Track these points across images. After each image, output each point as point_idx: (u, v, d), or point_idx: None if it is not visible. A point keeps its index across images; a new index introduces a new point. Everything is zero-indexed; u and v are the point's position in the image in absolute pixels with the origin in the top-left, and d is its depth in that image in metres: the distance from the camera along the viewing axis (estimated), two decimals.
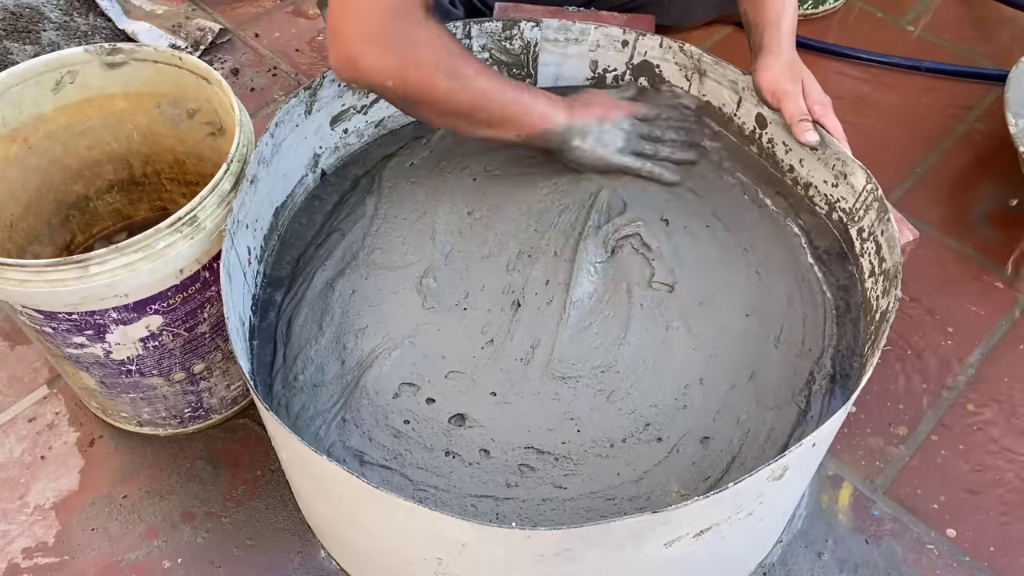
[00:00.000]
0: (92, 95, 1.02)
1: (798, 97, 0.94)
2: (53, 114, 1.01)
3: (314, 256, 0.96)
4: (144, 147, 1.09)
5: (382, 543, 0.80)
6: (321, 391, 0.86)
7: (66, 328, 0.88)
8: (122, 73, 1.00)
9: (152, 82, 1.01)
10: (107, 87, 1.01)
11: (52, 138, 1.02)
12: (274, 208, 0.97)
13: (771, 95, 0.96)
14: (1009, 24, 1.65)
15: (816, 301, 0.92)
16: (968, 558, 1.00)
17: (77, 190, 1.09)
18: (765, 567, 0.98)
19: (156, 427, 1.07)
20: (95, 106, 1.03)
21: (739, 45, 1.61)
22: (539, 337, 0.89)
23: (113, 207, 1.14)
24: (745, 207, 1.00)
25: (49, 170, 1.05)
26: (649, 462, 0.81)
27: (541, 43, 1.09)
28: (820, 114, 0.94)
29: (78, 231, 1.13)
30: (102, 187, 1.11)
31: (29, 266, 0.81)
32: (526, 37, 1.09)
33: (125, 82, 1.01)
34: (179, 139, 1.07)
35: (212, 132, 1.04)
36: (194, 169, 1.11)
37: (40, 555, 1.00)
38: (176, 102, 1.03)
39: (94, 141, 1.06)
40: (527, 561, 0.71)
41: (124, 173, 1.11)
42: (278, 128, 0.93)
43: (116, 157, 1.09)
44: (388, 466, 0.81)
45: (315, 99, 0.99)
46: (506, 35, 1.08)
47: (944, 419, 1.11)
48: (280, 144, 0.94)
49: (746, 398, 0.85)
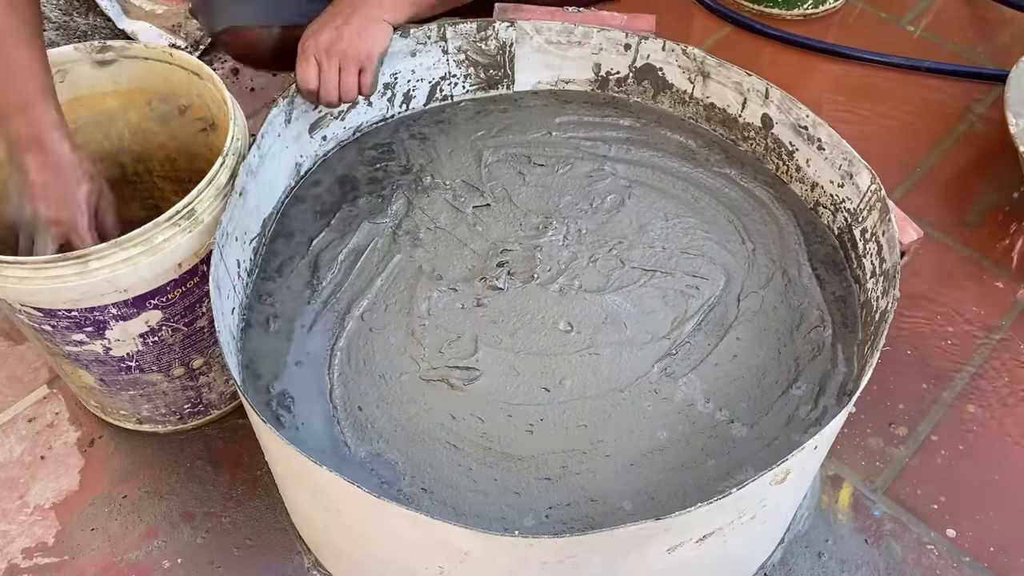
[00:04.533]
0: (83, 94, 1.01)
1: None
2: None
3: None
4: (135, 145, 1.09)
5: (382, 553, 0.80)
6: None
7: (65, 325, 0.88)
8: (112, 71, 1.00)
9: (143, 79, 1.01)
10: (97, 85, 1.01)
11: None
12: (262, 219, 0.96)
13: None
14: (1009, 24, 1.65)
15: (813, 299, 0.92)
16: (968, 558, 1.00)
17: None
18: (766, 568, 0.98)
19: (155, 424, 1.07)
20: (86, 105, 1.02)
21: (740, 46, 1.62)
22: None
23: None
24: (752, 208, 1.01)
25: None
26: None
27: (542, 45, 1.09)
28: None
29: None
30: None
31: (29, 263, 0.81)
32: (501, 37, 1.09)
33: (116, 80, 1.01)
34: (170, 136, 1.07)
35: (204, 128, 1.03)
36: (186, 166, 1.10)
37: (40, 555, 1.00)
38: (167, 99, 1.03)
39: (85, 140, 1.05)
40: (530, 569, 0.71)
41: (116, 172, 1.11)
42: (263, 139, 0.93)
43: (108, 156, 1.08)
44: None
45: (293, 106, 0.99)
46: (481, 36, 1.08)
47: (944, 419, 1.11)
48: (266, 155, 0.94)
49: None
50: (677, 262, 0.96)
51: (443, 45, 1.07)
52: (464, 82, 1.12)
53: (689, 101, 1.08)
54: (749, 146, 1.06)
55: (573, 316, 0.92)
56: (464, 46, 1.08)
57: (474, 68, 1.11)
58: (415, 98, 1.11)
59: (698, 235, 0.98)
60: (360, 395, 0.86)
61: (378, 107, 1.09)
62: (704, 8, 1.67)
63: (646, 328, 0.91)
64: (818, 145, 0.96)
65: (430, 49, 1.07)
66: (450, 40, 1.07)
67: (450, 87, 1.12)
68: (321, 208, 1.01)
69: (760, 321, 0.92)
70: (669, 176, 1.04)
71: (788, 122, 0.98)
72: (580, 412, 0.85)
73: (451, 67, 1.10)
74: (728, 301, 0.93)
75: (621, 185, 1.03)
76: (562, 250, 0.97)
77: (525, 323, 0.91)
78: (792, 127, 0.98)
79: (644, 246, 0.97)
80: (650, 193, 1.02)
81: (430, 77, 1.10)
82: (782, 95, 0.98)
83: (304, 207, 1.02)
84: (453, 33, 1.07)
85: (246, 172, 0.88)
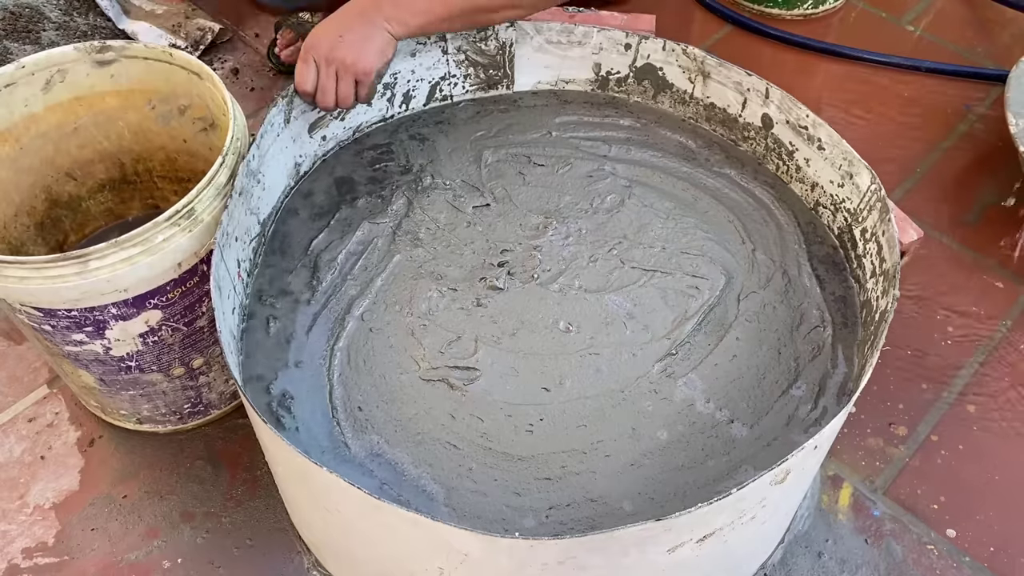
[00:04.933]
0: (83, 94, 1.01)
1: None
2: (44, 114, 1.00)
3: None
4: (135, 145, 1.09)
5: (383, 554, 0.80)
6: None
7: (65, 325, 0.88)
8: (112, 71, 1.00)
9: (142, 79, 1.01)
10: (97, 85, 1.01)
11: (44, 138, 1.02)
12: (261, 219, 0.96)
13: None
14: (1009, 24, 1.65)
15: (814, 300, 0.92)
16: (968, 558, 1.00)
17: (69, 190, 1.09)
18: (766, 568, 0.98)
19: (156, 424, 1.07)
20: (86, 105, 1.02)
21: (740, 46, 1.62)
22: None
23: (105, 206, 1.14)
24: (753, 209, 1.00)
25: (41, 170, 1.04)
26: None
27: (542, 45, 1.09)
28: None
29: (71, 231, 1.13)
30: (94, 186, 1.11)
31: (29, 263, 0.81)
32: (501, 38, 1.09)
33: (115, 80, 1.01)
34: (170, 136, 1.07)
35: (204, 128, 1.03)
36: (185, 166, 1.10)
37: (40, 555, 1.00)
38: (167, 98, 1.03)
39: (85, 140, 1.05)
40: (531, 570, 0.71)
41: (116, 172, 1.11)
42: (263, 139, 0.93)
43: (107, 156, 1.09)
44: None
45: (292, 106, 0.99)
46: (481, 35, 1.08)
47: (944, 419, 1.11)
48: (265, 155, 0.94)
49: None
50: (677, 262, 0.96)
51: (443, 45, 1.07)
52: (464, 82, 1.12)
53: (689, 101, 1.08)
54: (749, 146, 1.06)
55: (573, 316, 0.92)
56: (464, 46, 1.08)
57: (474, 68, 1.11)
58: (415, 98, 1.11)
59: (698, 235, 0.98)
60: (360, 395, 0.86)
61: (378, 107, 1.09)
62: (704, 8, 1.67)
63: (646, 328, 0.91)
64: (818, 145, 0.96)
65: (430, 49, 1.07)
66: (449, 40, 1.07)
67: (450, 87, 1.12)
68: (321, 208, 1.01)
69: (760, 321, 0.92)
70: (669, 176, 1.04)
71: (788, 122, 0.98)
72: (580, 412, 0.85)
73: (451, 67, 1.10)
74: (728, 301, 0.93)
75: (621, 185, 1.03)
76: (562, 250, 0.97)
77: (525, 323, 0.91)
78: (792, 127, 0.98)
79: (644, 246, 0.97)
80: (650, 193, 1.02)
81: (430, 77, 1.10)
82: (782, 95, 0.98)
83: (304, 207, 1.02)
84: (453, 33, 1.07)
85: (245, 172, 0.88)
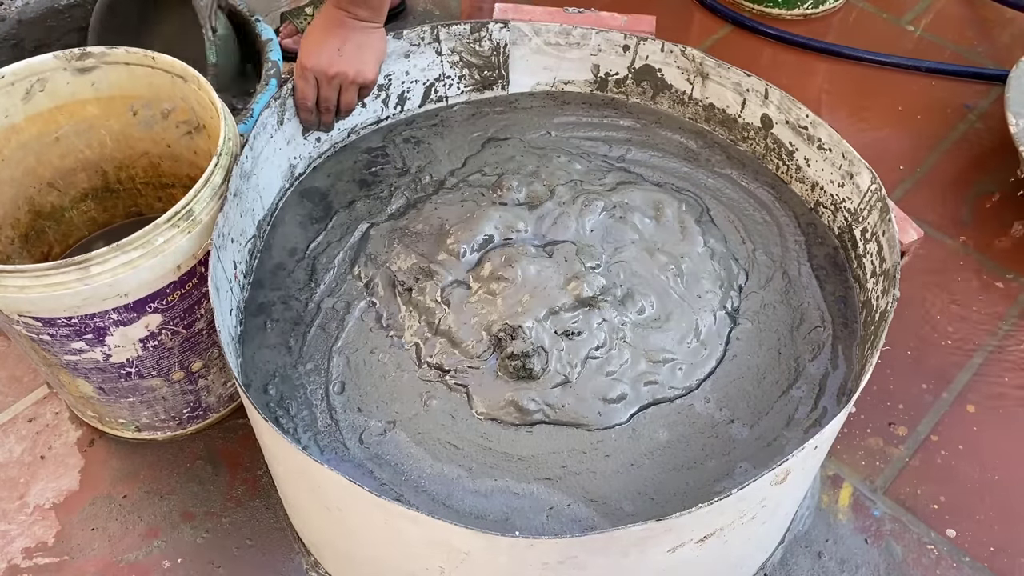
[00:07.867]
0: (63, 102, 1.00)
1: None
2: (24, 124, 0.99)
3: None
4: (117, 152, 1.07)
5: (382, 553, 0.80)
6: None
7: (65, 334, 0.87)
8: (93, 77, 0.98)
9: (124, 85, 1.00)
10: (78, 93, 0.99)
11: (25, 148, 1.00)
12: (257, 220, 0.96)
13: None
14: (1009, 24, 1.65)
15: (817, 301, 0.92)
16: (968, 558, 1.00)
17: (52, 200, 1.07)
18: (766, 568, 0.98)
19: (155, 431, 1.06)
20: (66, 113, 1.01)
21: (740, 46, 1.62)
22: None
23: (88, 216, 1.12)
24: (753, 210, 1.00)
25: (23, 181, 1.03)
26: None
27: (540, 47, 1.09)
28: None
29: (55, 242, 1.11)
30: (76, 196, 1.09)
31: (30, 271, 0.80)
32: (495, 39, 1.09)
33: (96, 86, 0.99)
34: (153, 141, 1.06)
35: (188, 131, 1.02)
36: (169, 171, 1.09)
37: (40, 555, 1.00)
38: (150, 103, 1.01)
39: (67, 149, 1.04)
40: (531, 569, 0.71)
41: (98, 180, 1.09)
42: (256, 140, 0.93)
43: (90, 164, 1.07)
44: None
45: (285, 108, 0.99)
46: (475, 37, 1.08)
47: (944, 419, 1.11)
48: (259, 156, 0.94)
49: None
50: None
51: (437, 47, 1.07)
52: (459, 83, 1.12)
53: (688, 102, 1.08)
54: (749, 146, 1.06)
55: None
56: (458, 47, 1.08)
57: (468, 69, 1.11)
58: (410, 99, 1.11)
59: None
60: (360, 395, 0.86)
61: (372, 109, 1.09)
62: (704, 8, 1.67)
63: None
64: (818, 145, 0.96)
65: (424, 50, 1.07)
66: (443, 41, 1.07)
67: (444, 88, 1.12)
68: (318, 209, 1.01)
69: (760, 321, 0.92)
70: (669, 176, 1.04)
71: (788, 122, 0.98)
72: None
73: (445, 68, 1.10)
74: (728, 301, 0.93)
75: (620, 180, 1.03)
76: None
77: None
78: (792, 127, 0.98)
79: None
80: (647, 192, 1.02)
81: (424, 78, 1.10)
82: (781, 95, 0.98)
83: (301, 208, 1.02)
84: (447, 35, 1.07)
85: (239, 174, 0.88)
